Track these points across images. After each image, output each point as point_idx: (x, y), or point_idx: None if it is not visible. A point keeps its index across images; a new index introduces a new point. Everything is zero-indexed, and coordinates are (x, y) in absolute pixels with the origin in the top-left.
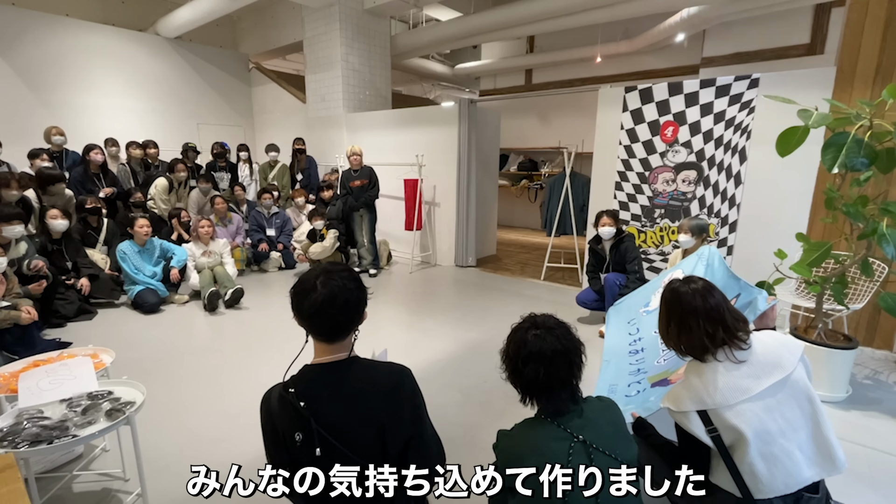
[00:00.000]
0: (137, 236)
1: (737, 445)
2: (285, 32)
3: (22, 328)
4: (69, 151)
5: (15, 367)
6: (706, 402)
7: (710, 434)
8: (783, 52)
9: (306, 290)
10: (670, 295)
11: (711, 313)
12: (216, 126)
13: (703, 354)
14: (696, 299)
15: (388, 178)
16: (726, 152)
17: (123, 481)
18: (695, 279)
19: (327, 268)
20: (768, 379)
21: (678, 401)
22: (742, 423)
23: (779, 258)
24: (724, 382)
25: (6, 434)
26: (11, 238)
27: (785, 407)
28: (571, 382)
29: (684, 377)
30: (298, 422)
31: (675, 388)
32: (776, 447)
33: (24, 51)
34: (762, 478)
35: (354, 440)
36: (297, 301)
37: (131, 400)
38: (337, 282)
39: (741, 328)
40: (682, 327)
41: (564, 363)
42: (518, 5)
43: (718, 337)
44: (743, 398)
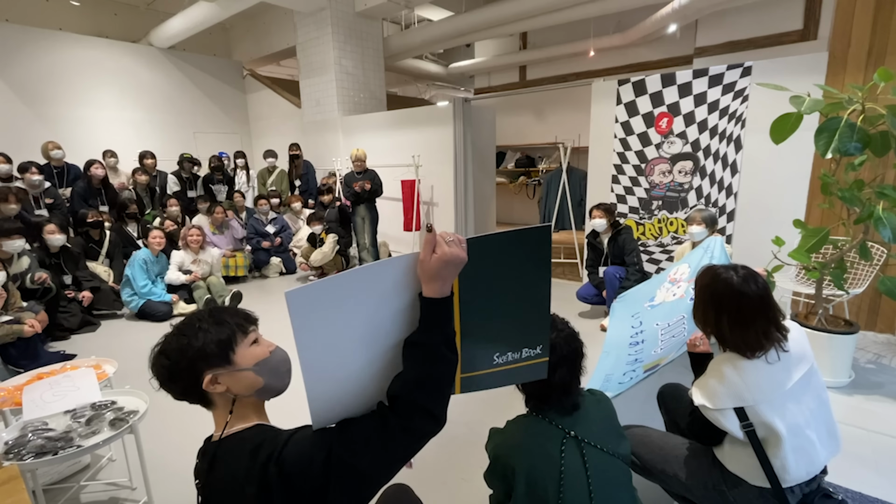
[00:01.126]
0: (151, 247)
1: (770, 440)
2: (278, 38)
3: (26, 341)
4: (70, 166)
5: (19, 381)
6: (745, 398)
7: (745, 429)
8: (776, 39)
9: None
10: (724, 287)
11: (768, 313)
12: (213, 134)
13: (756, 352)
14: (754, 295)
15: (386, 179)
16: (721, 141)
17: (130, 490)
18: (742, 270)
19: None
20: (797, 371)
21: (715, 398)
22: (777, 418)
23: (777, 245)
24: (763, 377)
25: (12, 446)
26: (12, 252)
27: (809, 398)
28: (578, 382)
29: (717, 371)
30: (198, 495)
31: (708, 383)
32: (803, 439)
33: (19, 66)
34: (791, 470)
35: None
36: None
37: (135, 409)
38: (155, 361)
39: (783, 324)
40: (737, 322)
41: (578, 365)
42: (509, 2)
43: (773, 335)
44: (778, 393)
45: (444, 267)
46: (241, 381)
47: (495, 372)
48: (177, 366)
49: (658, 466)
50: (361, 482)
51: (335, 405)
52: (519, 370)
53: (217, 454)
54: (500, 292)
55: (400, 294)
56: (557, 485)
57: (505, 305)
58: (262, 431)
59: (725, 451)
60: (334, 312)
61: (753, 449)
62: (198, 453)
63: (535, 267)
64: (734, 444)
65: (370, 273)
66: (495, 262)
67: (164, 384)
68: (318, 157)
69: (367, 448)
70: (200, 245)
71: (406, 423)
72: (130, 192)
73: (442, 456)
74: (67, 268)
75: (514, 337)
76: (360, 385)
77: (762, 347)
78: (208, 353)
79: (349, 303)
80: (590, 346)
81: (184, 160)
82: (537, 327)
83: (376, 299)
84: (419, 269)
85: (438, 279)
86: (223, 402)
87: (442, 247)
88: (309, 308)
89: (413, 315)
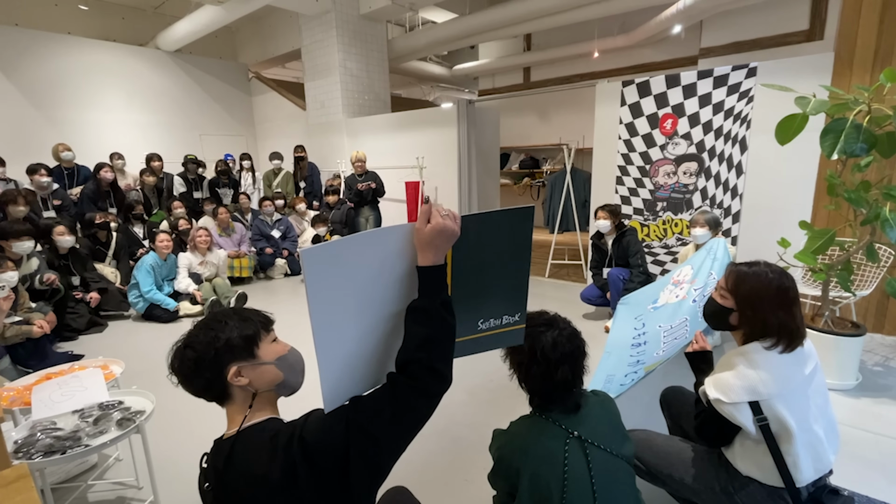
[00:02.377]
0: (159, 251)
1: (782, 434)
2: (283, 41)
3: (34, 342)
4: (80, 167)
5: (28, 381)
6: (761, 392)
7: (759, 423)
8: (782, 40)
9: (171, 360)
10: (778, 280)
11: (796, 306)
12: (219, 136)
13: (801, 341)
14: (789, 287)
15: (390, 180)
16: (726, 142)
17: (137, 489)
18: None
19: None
20: (806, 366)
21: (729, 391)
22: (789, 412)
23: (783, 247)
24: (777, 371)
25: (21, 445)
26: (22, 254)
27: (816, 393)
28: (581, 381)
29: (730, 365)
30: (206, 500)
31: (722, 377)
32: (812, 435)
33: (28, 69)
34: (802, 468)
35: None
36: None
37: (141, 409)
38: (177, 355)
39: None
40: (790, 313)
41: (580, 363)
42: (513, 4)
43: (803, 331)
44: (792, 386)
45: (437, 236)
46: (263, 376)
47: (479, 337)
48: (203, 357)
49: (664, 471)
50: (379, 449)
51: (345, 378)
52: (500, 335)
53: (235, 448)
54: (487, 265)
55: (399, 261)
56: (561, 485)
57: (490, 277)
58: (277, 422)
59: (736, 451)
60: (342, 271)
61: (767, 444)
62: (205, 458)
63: (519, 242)
64: (745, 443)
65: (373, 237)
66: (485, 237)
67: (187, 377)
68: (322, 159)
69: (382, 414)
70: (208, 246)
71: (415, 384)
72: (138, 192)
73: (446, 458)
74: (75, 269)
75: (497, 305)
76: (366, 355)
77: (796, 341)
78: (234, 346)
79: (355, 262)
80: (593, 347)
81: (188, 162)
82: (516, 296)
83: (378, 263)
84: (415, 237)
85: (432, 248)
86: (243, 397)
87: (436, 217)
88: (320, 266)
89: (411, 285)
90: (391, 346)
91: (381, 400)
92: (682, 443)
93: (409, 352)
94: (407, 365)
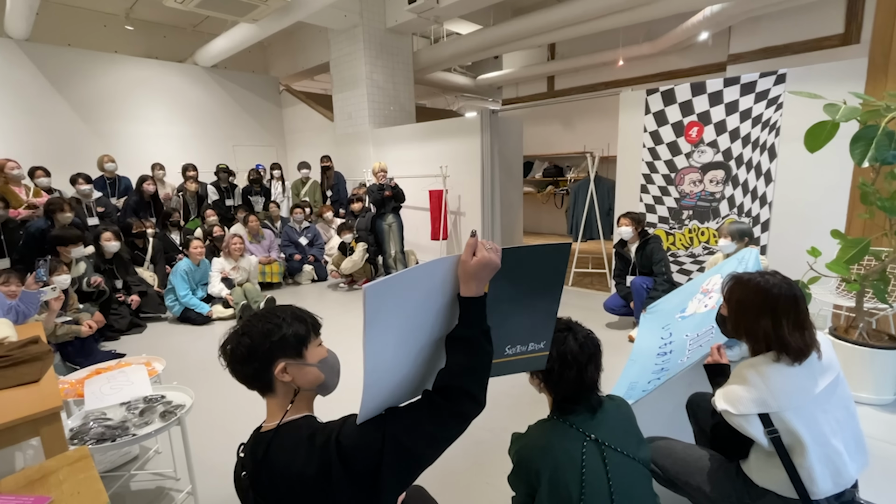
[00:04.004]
0: (192, 256)
1: (795, 447)
2: (313, 54)
3: (82, 340)
4: (121, 178)
5: (80, 375)
6: (770, 404)
7: (770, 436)
8: (816, 44)
9: (224, 344)
10: (779, 290)
11: (787, 317)
12: (250, 147)
13: (807, 355)
14: (803, 298)
15: (414, 189)
16: (755, 150)
17: (175, 480)
18: (780, 275)
19: (244, 319)
20: (824, 379)
21: (738, 403)
22: (801, 425)
23: (813, 256)
24: (787, 383)
25: (76, 433)
26: (74, 258)
27: (836, 407)
28: (599, 383)
29: (741, 377)
30: (243, 492)
31: (732, 389)
32: (829, 448)
33: (79, 86)
34: (818, 481)
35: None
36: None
37: (182, 403)
38: (234, 338)
39: None
40: (796, 325)
41: (600, 360)
42: (537, 15)
43: (799, 344)
44: (804, 400)
45: (482, 269)
46: (305, 375)
47: (505, 362)
48: (258, 348)
49: (682, 478)
50: (412, 460)
51: (384, 395)
52: (525, 361)
53: (274, 441)
54: (521, 295)
55: (443, 292)
56: (579, 486)
57: (522, 306)
58: (313, 421)
59: (751, 464)
60: (396, 302)
61: (780, 457)
62: (243, 448)
63: (552, 276)
64: (759, 456)
65: (424, 271)
66: (522, 269)
67: (238, 363)
68: (348, 168)
69: (418, 429)
70: (241, 252)
71: (453, 407)
72: (178, 198)
73: (466, 461)
74: (119, 273)
75: (525, 333)
76: (406, 376)
77: (811, 349)
78: (287, 344)
79: (407, 294)
80: (616, 356)
81: (220, 170)
82: (544, 325)
83: (425, 293)
84: (460, 269)
85: (475, 280)
86: (284, 392)
87: (482, 251)
88: (380, 299)
89: (452, 313)
90: (430, 370)
91: (417, 415)
92: (701, 451)
93: (450, 377)
94: (446, 389)
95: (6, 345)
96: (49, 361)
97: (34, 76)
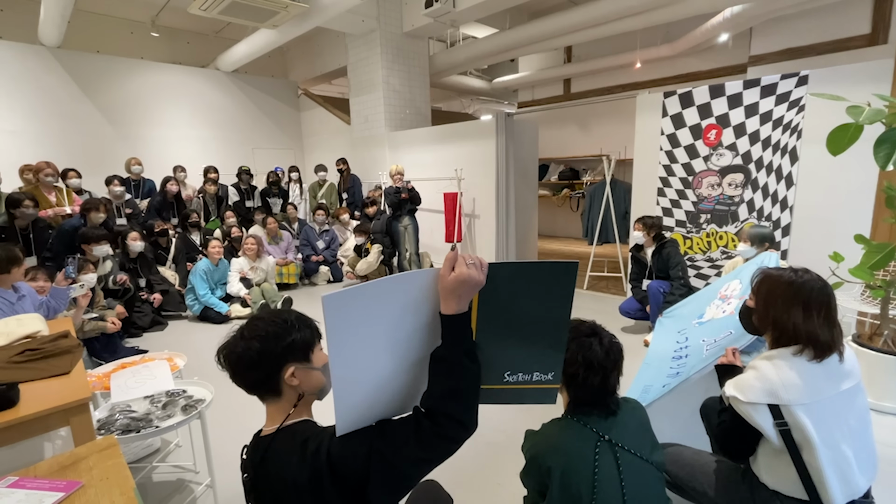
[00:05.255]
0: (211, 257)
1: (804, 446)
2: (330, 59)
3: (107, 337)
4: (146, 180)
5: (106, 369)
6: (780, 396)
7: (780, 428)
8: (841, 45)
9: (227, 350)
10: (812, 284)
11: (819, 312)
12: (269, 150)
13: (835, 350)
14: (811, 290)
15: (429, 192)
16: (775, 153)
17: (194, 473)
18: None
19: (244, 324)
20: (842, 384)
21: (747, 390)
22: (812, 424)
23: (835, 262)
24: (802, 380)
25: (103, 424)
26: (100, 256)
27: (850, 414)
28: (618, 387)
29: (753, 367)
30: (245, 493)
31: (743, 378)
32: (838, 453)
33: (107, 91)
34: (828, 485)
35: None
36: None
37: (202, 398)
38: (239, 343)
39: None
40: (827, 319)
41: (622, 365)
42: (553, 18)
43: (829, 340)
44: (815, 398)
45: (461, 285)
46: (311, 380)
47: (504, 389)
48: (268, 352)
49: (688, 483)
50: (398, 477)
51: (361, 412)
52: (528, 391)
53: (271, 446)
54: (519, 316)
55: (422, 308)
56: (591, 486)
57: (521, 330)
58: (309, 425)
59: (760, 462)
60: (362, 315)
61: (790, 454)
62: (245, 449)
63: (559, 298)
64: (769, 453)
65: (396, 283)
66: (517, 288)
67: (247, 367)
68: (364, 171)
69: (404, 448)
70: (257, 253)
71: (439, 430)
72: (199, 200)
73: (478, 461)
74: (142, 272)
75: (527, 360)
76: (386, 395)
77: (836, 347)
78: (296, 349)
79: (375, 310)
80: (632, 361)
81: (242, 172)
82: (552, 355)
83: (400, 310)
84: (439, 284)
85: (454, 296)
86: (289, 397)
87: (461, 266)
88: (341, 311)
89: (435, 332)
90: (416, 388)
91: (405, 433)
92: (710, 457)
93: (433, 399)
94: (430, 411)
95: (38, 338)
96: (78, 355)
97: (66, 82)
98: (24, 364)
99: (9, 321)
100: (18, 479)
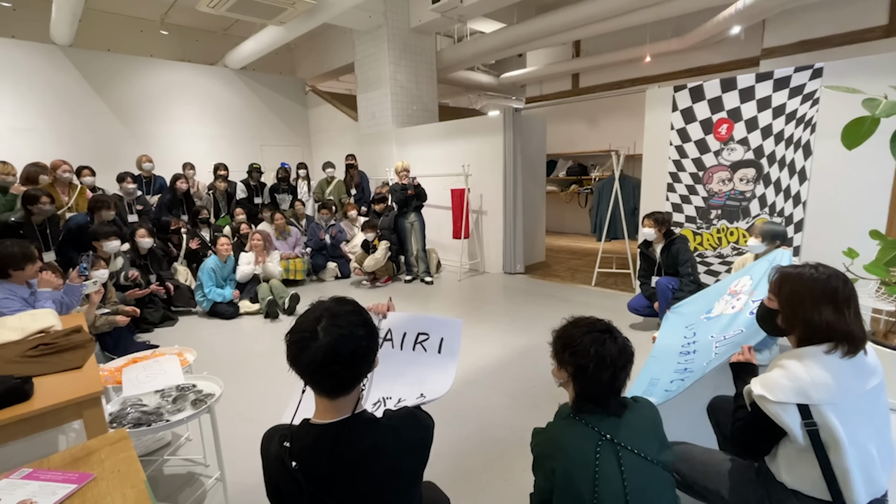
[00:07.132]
0: (219, 253)
1: (831, 445)
2: (337, 55)
3: (119, 331)
4: (156, 177)
5: (118, 364)
6: (811, 396)
7: (808, 428)
8: (857, 37)
9: (305, 340)
10: (836, 281)
11: (847, 308)
12: (277, 147)
13: (859, 347)
14: (837, 287)
15: (436, 188)
16: (788, 147)
17: (204, 466)
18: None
19: (332, 308)
20: (870, 381)
21: (776, 389)
22: (840, 423)
23: (849, 258)
24: (834, 378)
25: (115, 417)
26: (110, 252)
27: (874, 413)
28: (624, 389)
29: (781, 366)
30: (292, 481)
31: (771, 375)
32: (865, 453)
33: (117, 89)
34: (854, 486)
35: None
36: (294, 352)
37: (211, 392)
38: (342, 328)
39: None
40: (857, 314)
41: (630, 371)
42: (561, 12)
43: (860, 335)
44: (846, 397)
45: None
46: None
47: None
48: (372, 350)
49: (700, 483)
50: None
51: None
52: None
53: (353, 430)
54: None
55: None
56: (592, 486)
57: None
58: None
59: (780, 462)
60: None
61: (815, 453)
62: (285, 440)
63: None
64: (790, 452)
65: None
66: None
67: (357, 362)
68: (372, 167)
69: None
70: (263, 247)
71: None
72: (209, 196)
73: (485, 458)
74: (153, 268)
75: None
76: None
77: (866, 341)
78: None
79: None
80: (640, 358)
81: (252, 169)
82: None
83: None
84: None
85: None
86: (357, 392)
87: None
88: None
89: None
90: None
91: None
92: (721, 455)
93: None
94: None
95: (52, 333)
96: (91, 349)
97: (77, 80)
98: (38, 358)
99: (23, 316)
100: (32, 470)
